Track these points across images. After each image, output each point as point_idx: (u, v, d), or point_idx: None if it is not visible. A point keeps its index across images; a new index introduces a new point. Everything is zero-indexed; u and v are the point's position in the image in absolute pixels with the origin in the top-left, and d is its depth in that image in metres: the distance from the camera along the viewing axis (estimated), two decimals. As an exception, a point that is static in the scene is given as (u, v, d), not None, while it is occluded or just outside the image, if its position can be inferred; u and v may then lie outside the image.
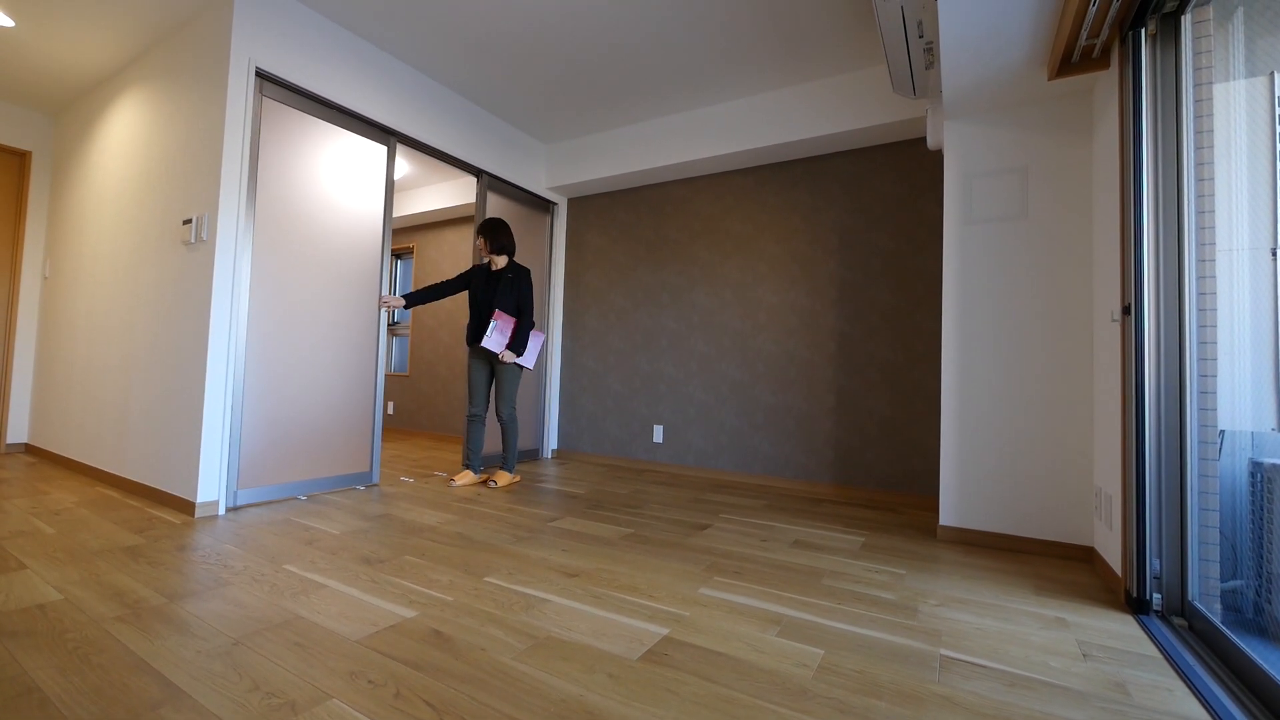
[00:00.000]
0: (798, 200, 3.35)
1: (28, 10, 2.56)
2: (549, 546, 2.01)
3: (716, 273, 3.60)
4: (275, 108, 2.54)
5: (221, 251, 2.32)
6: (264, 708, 1.02)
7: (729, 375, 3.50)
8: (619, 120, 3.65)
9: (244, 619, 1.36)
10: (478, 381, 3.06)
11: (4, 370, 3.55)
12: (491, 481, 3.02)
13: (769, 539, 2.20)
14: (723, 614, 1.49)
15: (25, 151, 3.62)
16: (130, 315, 2.76)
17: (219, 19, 2.39)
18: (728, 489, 3.18)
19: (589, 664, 1.21)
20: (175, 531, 2.04)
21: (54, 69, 3.09)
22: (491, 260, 3.07)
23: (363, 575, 1.67)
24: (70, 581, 1.56)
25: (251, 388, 2.47)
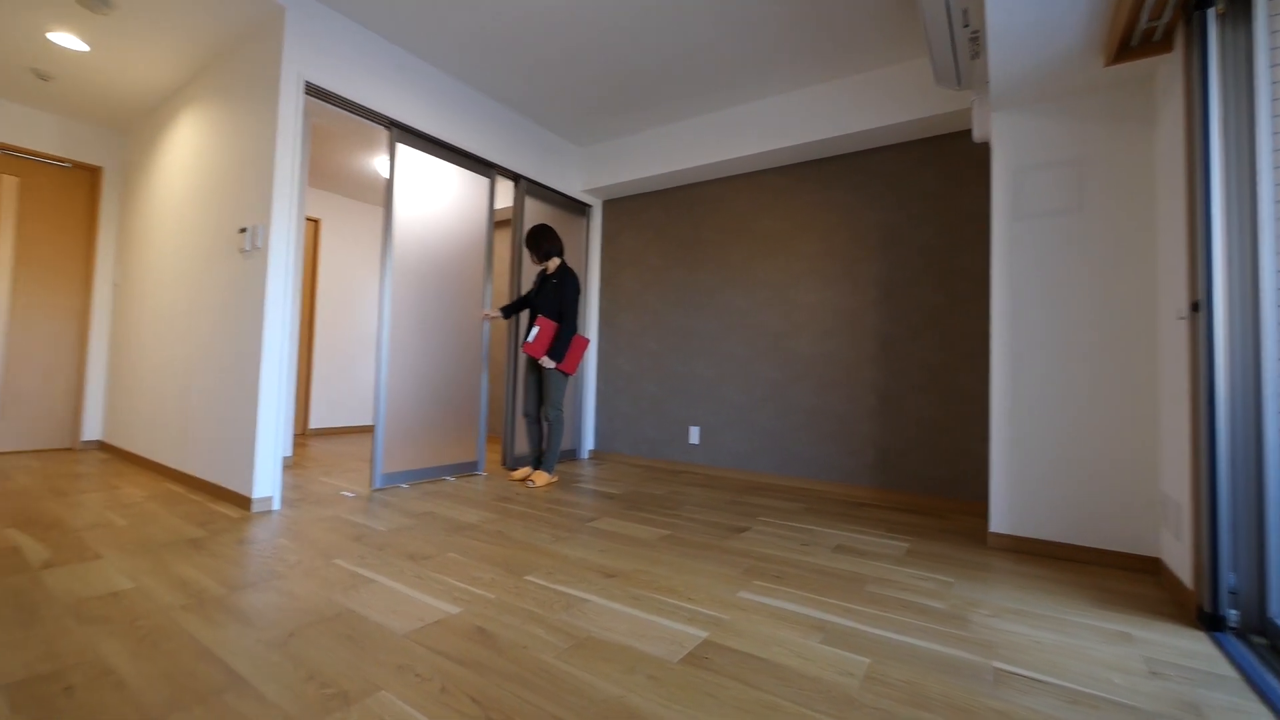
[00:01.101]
0: (836, 198, 3.28)
1: (100, 35, 2.74)
2: (587, 547, 2.02)
3: (752, 273, 3.56)
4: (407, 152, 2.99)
5: (274, 258, 2.43)
6: (319, 697, 1.06)
7: (766, 376, 3.46)
8: (653, 121, 3.66)
9: (298, 611, 1.42)
10: (528, 384, 3.18)
11: (80, 372, 3.79)
12: (530, 481, 3.06)
13: (809, 543, 2.17)
14: (763, 619, 1.47)
15: (97, 167, 3.86)
16: (191, 320, 2.91)
17: (271, 36, 2.50)
18: (765, 491, 3.14)
19: (629, 665, 1.21)
20: (234, 525, 2.14)
21: (122, 89, 3.29)
22: (546, 266, 3.15)
23: (409, 571, 1.72)
24: (141, 571, 1.65)
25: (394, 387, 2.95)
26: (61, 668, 1.13)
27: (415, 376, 3.08)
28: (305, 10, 2.51)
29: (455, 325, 3.27)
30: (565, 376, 3.11)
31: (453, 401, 3.28)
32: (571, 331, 3.06)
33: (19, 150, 3.56)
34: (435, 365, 3.18)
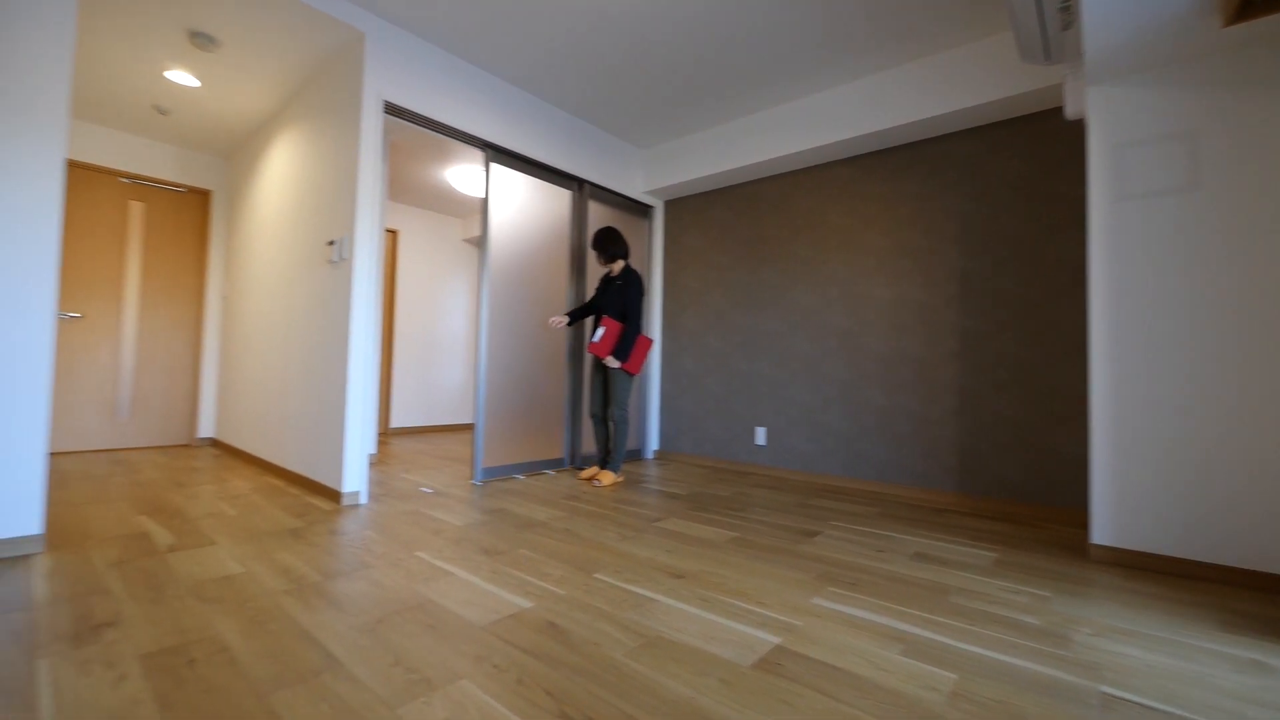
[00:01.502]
0: (907, 188, 3.12)
1: (208, 71, 3.02)
2: (654, 546, 2.03)
3: (818, 269, 3.45)
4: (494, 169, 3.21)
5: (359, 268, 2.59)
6: (405, 682, 1.11)
7: (834, 375, 3.35)
8: (714, 119, 3.62)
9: (385, 599, 1.51)
10: (595, 384, 3.24)
11: (195, 377, 4.21)
12: (596, 481, 3.11)
13: (885, 549, 2.07)
14: (838, 626, 1.42)
15: (207, 190, 4.27)
16: (287, 327, 3.16)
17: (353, 60, 2.67)
18: (836, 494, 3.03)
19: (700, 667, 1.20)
20: (326, 517, 2.30)
21: (227, 118, 3.62)
22: (610, 268, 3.20)
23: (483, 565, 1.78)
24: (248, 557, 1.81)
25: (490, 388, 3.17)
26: (185, 642, 1.25)
27: (509, 378, 3.29)
28: (383, 34, 2.67)
29: (540, 329, 3.44)
30: (630, 376, 3.14)
31: (539, 401, 3.45)
32: (636, 332, 3.09)
33: (144, 178, 3.99)
34: (523, 367, 3.36)
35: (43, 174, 1.83)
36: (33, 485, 1.81)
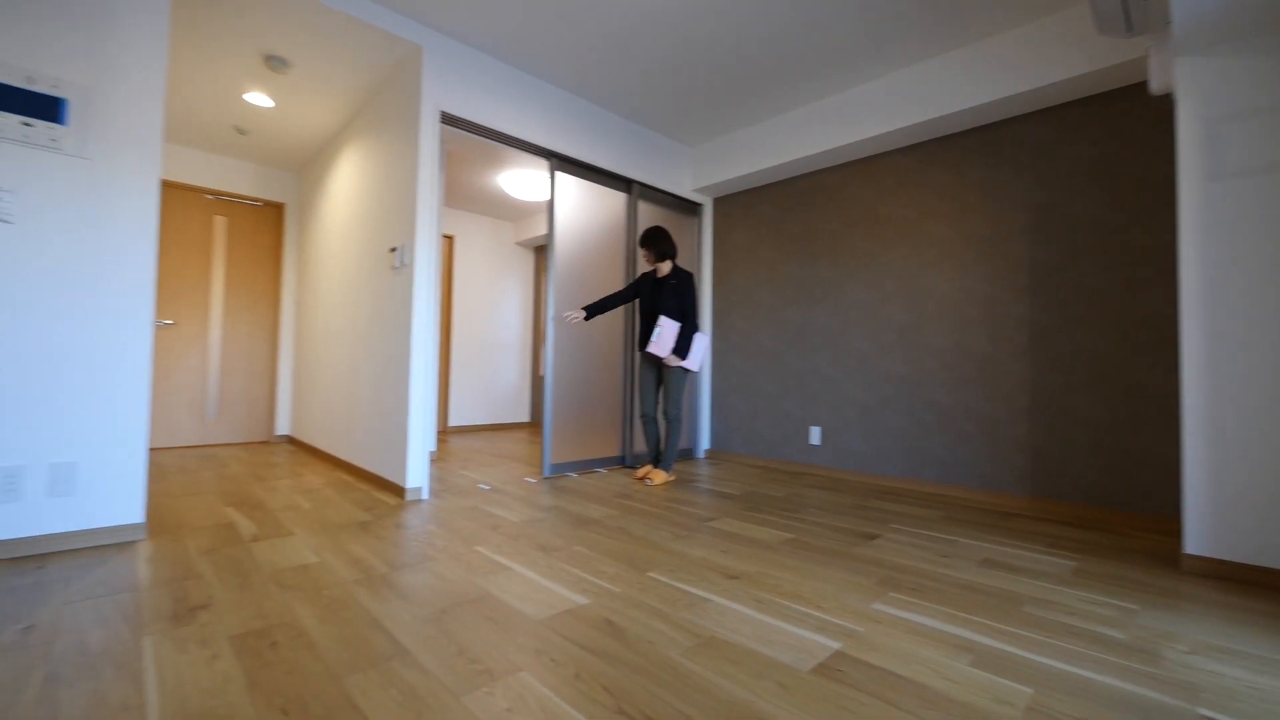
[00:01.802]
0: (972, 175, 2.97)
1: (282, 92, 3.22)
2: (707, 546, 2.02)
3: (875, 263, 3.33)
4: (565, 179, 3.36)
5: (419, 273, 2.70)
6: (469, 672, 1.15)
7: (893, 372, 3.23)
8: (763, 113, 3.56)
9: (447, 591, 1.56)
10: (646, 384, 3.22)
11: (272, 378, 4.50)
12: (648, 480, 3.12)
13: (950, 555, 1.98)
14: (902, 634, 1.37)
15: (281, 203, 4.55)
16: (353, 331, 3.33)
17: (411, 73, 2.78)
18: (895, 496, 2.92)
19: (757, 670, 1.18)
20: (392, 512, 2.41)
21: (298, 135, 3.84)
22: (657, 268, 3.19)
23: (540, 561, 1.82)
24: (323, 548, 1.92)
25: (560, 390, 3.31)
26: (268, 626, 1.34)
27: (568, 377, 3.39)
28: (438, 47, 2.77)
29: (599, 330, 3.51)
30: (686, 375, 3.14)
31: (595, 400, 3.53)
32: (694, 330, 3.10)
33: (226, 194, 4.29)
34: (580, 367, 3.44)
35: (142, 194, 2.00)
36: (136, 478, 1.98)
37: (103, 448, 1.92)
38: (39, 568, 1.68)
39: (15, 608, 1.41)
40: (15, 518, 1.77)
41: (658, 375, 3.22)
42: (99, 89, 1.92)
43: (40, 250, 1.82)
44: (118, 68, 1.95)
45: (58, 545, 1.83)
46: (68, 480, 1.85)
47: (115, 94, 1.95)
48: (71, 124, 1.87)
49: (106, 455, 1.93)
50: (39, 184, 1.82)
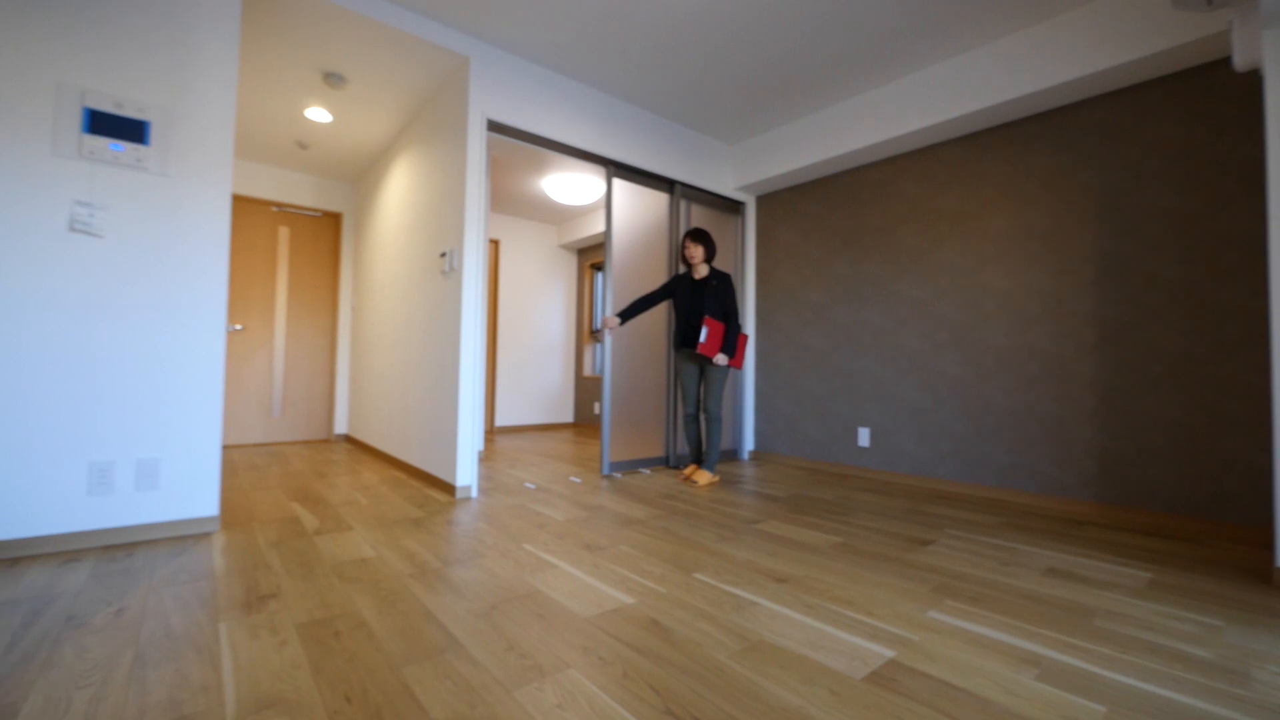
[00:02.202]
0: (1034, 163, 2.83)
1: (339, 106, 3.38)
2: (753, 549, 1.99)
3: (928, 259, 3.21)
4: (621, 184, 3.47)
5: (467, 277, 2.78)
6: (519, 666, 1.18)
7: (948, 373, 3.10)
8: (807, 108, 3.49)
9: (497, 587, 1.60)
10: (688, 384, 3.25)
11: (331, 379, 4.72)
12: (692, 480, 3.11)
13: (1011, 563, 1.89)
14: (960, 644, 1.31)
15: (338, 213, 4.77)
16: (405, 334, 3.45)
17: (459, 83, 2.87)
18: (951, 501, 2.81)
19: (808, 676, 1.16)
20: (443, 509, 2.49)
21: (355, 147, 4.02)
22: (694, 269, 3.19)
23: (586, 560, 1.84)
24: (379, 542, 2.00)
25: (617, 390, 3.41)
26: (331, 616, 1.41)
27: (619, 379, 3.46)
28: (485, 57, 2.84)
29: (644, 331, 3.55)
30: (728, 372, 3.16)
31: (645, 401, 3.58)
32: (738, 330, 3.12)
33: (289, 205, 4.53)
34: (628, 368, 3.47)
35: (215, 208, 2.13)
36: (211, 474, 2.12)
37: (182, 445, 2.06)
38: (128, 555, 1.82)
39: (108, 592, 1.53)
40: (108, 509, 1.92)
41: (699, 374, 3.24)
42: (177, 110, 2.06)
43: (127, 263, 1.97)
44: (194, 90, 2.09)
45: (143, 535, 1.98)
46: (152, 475, 2.00)
47: (191, 115, 2.09)
48: (153, 144, 2.01)
49: (185, 452, 2.07)
50: (126, 201, 1.97)
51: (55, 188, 1.85)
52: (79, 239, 1.89)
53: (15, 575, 1.63)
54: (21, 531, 1.79)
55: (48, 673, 1.12)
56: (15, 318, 1.79)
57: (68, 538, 1.86)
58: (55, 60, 1.86)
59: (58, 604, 1.44)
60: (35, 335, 1.82)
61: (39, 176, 1.83)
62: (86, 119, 1.89)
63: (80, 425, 1.88)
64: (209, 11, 2.12)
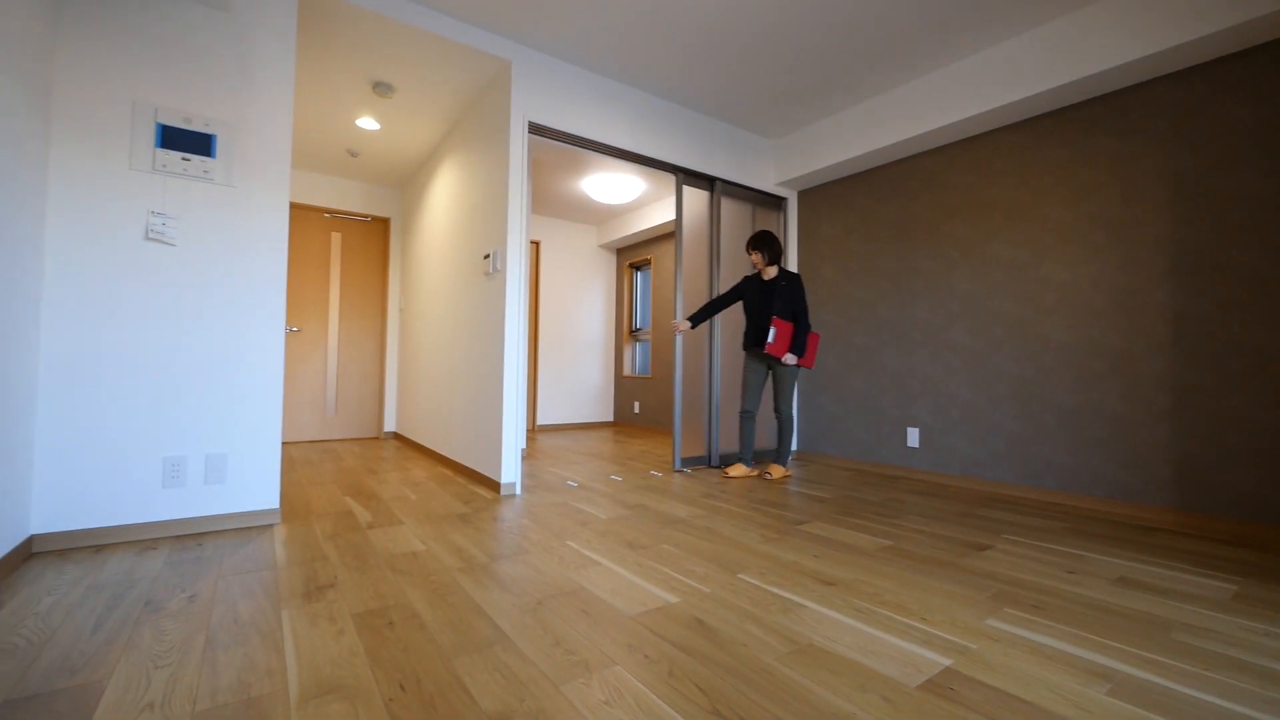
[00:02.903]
0: (1098, 149, 2.67)
1: (387, 115, 3.49)
2: (799, 550, 1.95)
3: (981, 252, 3.08)
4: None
5: (510, 278, 2.82)
6: (565, 662, 1.19)
7: (1004, 370, 2.97)
8: (850, 99, 3.40)
9: (542, 583, 1.62)
10: (752, 382, 3.27)
11: (380, 379, 4.89)
12: (766, 474, 3.17)
13: (1077, 570, 1.79)
14: (1022, 654, 1.25)
15: (386, 218, 4.94)
16: (451, 334, 3.54)
17: (501, 87, 2.92)
18: (1007, 505, 2.69)
19: (859, 682, 1.13)
20: (488, 505, 2.54)
21: (401, 153, 4.15)
22: (763, 270, 3.20)
23: (629, 558, 1.84)
24: (428, 537, 2.05)
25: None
26: (384, 606, 1.45)
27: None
28: (526, 60, 2.88)
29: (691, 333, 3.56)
30: (797, 373, 3.19)
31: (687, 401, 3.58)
32: (808, 329, 3.13)
33: (340, 212, 4.72)
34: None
35: (275, 216, 2.24)
36: (272, 469, 2.22)
37: (246, 441, 2.17)
38: (198, 544, 1.93)
39: (182, 578, 1.62)
40: (180, 501, 2.04)
41: (765, 374, 3.26)
42: (240, 124, 2.17)
43: (196, 269, 2.09)
44: (255, 105, 2.20)
45: (212, 526, 2.09)
46: (219, 469, 2.11)
47: (253, 128, 2.20)
48: (219, 156, 2.13)
49: (249, 448, 2.17)
50: (195, 211, 2.09)
51: (132, 199, 1.98)
52: (154, 247, 2.01)
53: (99, 561, 1.75)
54: (105, 520, 1.92)
55: (129, 653, 1.20)
56: (98, 322, 1.92)
57: (145, 527, 1.98)
58: (131, 79, 1.98)
59: (137, 589, 1.54)
60: (116, 339, 1.95)
61: (118, 189, 1.96)
62: (159, 134, 2.02)
63: (156, 422, 2.01)
64: (268, 30, 2.23)
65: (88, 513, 1.90)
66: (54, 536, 1.84)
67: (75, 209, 1.89)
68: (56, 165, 1.87)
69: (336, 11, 2.47)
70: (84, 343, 1.90)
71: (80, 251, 1.90)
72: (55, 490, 1.85)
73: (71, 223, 1.89)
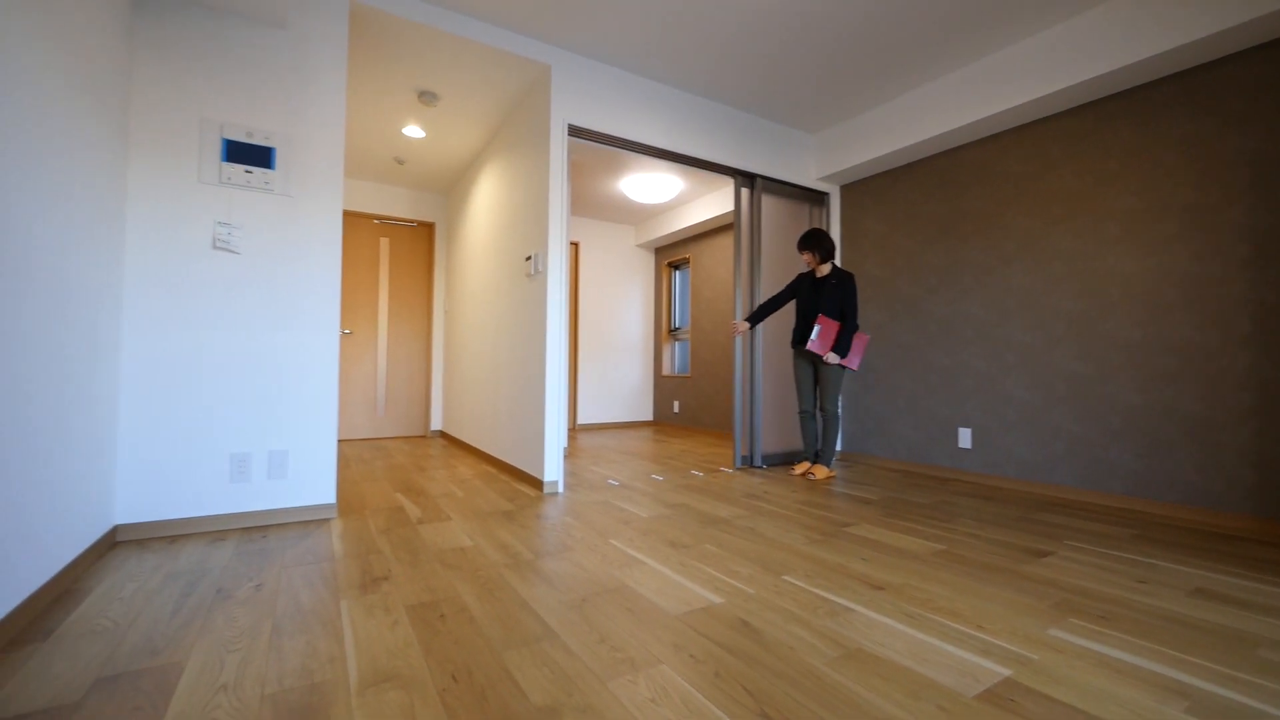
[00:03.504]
0: (1169, 131, 2.51)
1: (432, 122, 3.59)
2: (846, 553, 1.91)
3: (1039, 244, 2.94)
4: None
5: (552, 279, 2.86)
6: (611, 659, 1.20)
7: (1064, 368, 2.82)
8: (895, 89, 3.30)
9: (586, 580, 1.64)
10: (803, 381, 3.27)
11: (427, 379, 5.04)
12: (810, 474, 3.12)
13: (1149, 580, 1.69)
14: (1090, 666, 1.19)
15: (431, 222, 5.08)
16: (494, 336, 3.62)
17: (541, 91, 2.96)
18: (1068, 509, 2.55)
19: (913, 689, 1.09)
20: (532, 503, 2.58)
21: (446, 160, 4.27)
22: (816, 268, 3.19)
23: (672, 557, 1.84)
24: (475, 533, 2.10)
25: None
26: (436, 599, 1.50)
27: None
28: (565, 64, 2.91)
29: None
30: (843, 373, 3.15)
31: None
32: (855, 329, 3.08)
33: (388, 218, 4.89)
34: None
35: (329, 223, 2.34)
36: (329, 465, 2.32)
37: (305, 439, 2.27)
38: (263, 536, 2.04)
39: (249, 568, 1.72)
40: (246, 495, 2.16)
41: (813, 373, 3.24)
42: (296, 136, 2.27)
43: (258, 275, 2.20)
44: (309, 117, 2.30)
45: (274, 519, 2.20)
46: (281, 465, 2.22)
47: (308, 140, 2.30)
48: (278, 168, 2.23)
49: (308, 445, 2.28)
50: (256, 220, 2.20)
51: (202, 211, 2.10)
52: (220, 255, 2.13)
53: (175, 551, 1.87)
54: (180, 513, 2.05)
55: (204, 637, 1.28)
56: (171, 327, 2.05)
57: (214, 519, 2.10)
58: (198, 98, 2.11)
59: (209, 577, 1.64)
60: (187, 342, 2.07)
61: (188, 201, 2.08)
62: (224, 149, 2.13)
63: (223, 421, 2.13)
64: (321, 45, 2.32)
65: (164, 505, 2.03)
66: (134, 527, 1.98)
67: (150, 221, 2.03)
68: (134, 180, 2.00)
69: (384, 25, 2.56)
70: (158, 346, 2.03)
71: (155, 260, 2.03)
72: (135, 484, 1.98)
73: (147, 233, 2.02)
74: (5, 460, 1.24)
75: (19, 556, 1.32)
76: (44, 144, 1.39)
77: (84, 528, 1.69)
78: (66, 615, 1.38)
